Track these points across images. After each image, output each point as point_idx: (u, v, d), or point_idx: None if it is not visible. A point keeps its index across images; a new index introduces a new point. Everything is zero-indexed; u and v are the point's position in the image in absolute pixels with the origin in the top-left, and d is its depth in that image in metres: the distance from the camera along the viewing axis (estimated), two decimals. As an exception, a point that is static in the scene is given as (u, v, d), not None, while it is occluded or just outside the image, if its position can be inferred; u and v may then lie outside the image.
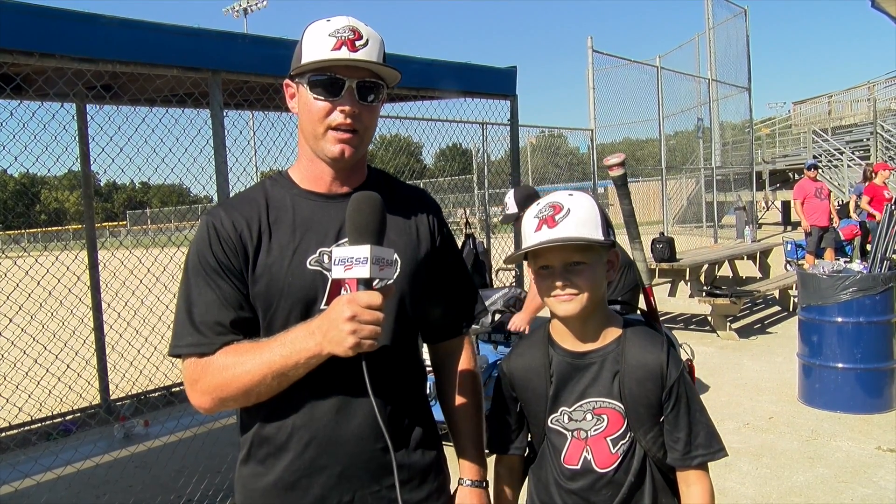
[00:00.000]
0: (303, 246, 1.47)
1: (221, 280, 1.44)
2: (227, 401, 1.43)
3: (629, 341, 1.62)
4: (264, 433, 1.49)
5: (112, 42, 3.27)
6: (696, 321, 8.99)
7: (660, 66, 13.40)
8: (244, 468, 1.54)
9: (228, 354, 1.41)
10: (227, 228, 1.46)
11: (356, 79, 1.44)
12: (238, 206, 1.52)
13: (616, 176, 1.74)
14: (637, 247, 1.82)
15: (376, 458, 1.48)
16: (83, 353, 5.01)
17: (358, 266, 1.29)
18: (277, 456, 1.48)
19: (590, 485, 1.62)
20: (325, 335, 1.31)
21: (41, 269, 4.38)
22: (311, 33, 1.46)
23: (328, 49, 1.42)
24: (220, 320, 1.43)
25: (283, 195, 1.53)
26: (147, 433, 4.08)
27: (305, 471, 1.47)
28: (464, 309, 1.71)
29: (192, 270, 1.46)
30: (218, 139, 3.72)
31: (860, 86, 25.65)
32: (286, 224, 1.49)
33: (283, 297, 1.45)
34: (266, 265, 1.45)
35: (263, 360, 1.37)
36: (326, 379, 1.42)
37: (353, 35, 1.43)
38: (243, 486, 1.54)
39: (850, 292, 5.24)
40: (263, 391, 1.39)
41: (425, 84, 4.94)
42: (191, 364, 1.44)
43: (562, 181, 12.53)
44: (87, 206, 5.26)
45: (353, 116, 1.44)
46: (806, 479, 4.19)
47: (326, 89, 1.43)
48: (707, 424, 1.62)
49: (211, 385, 1.42)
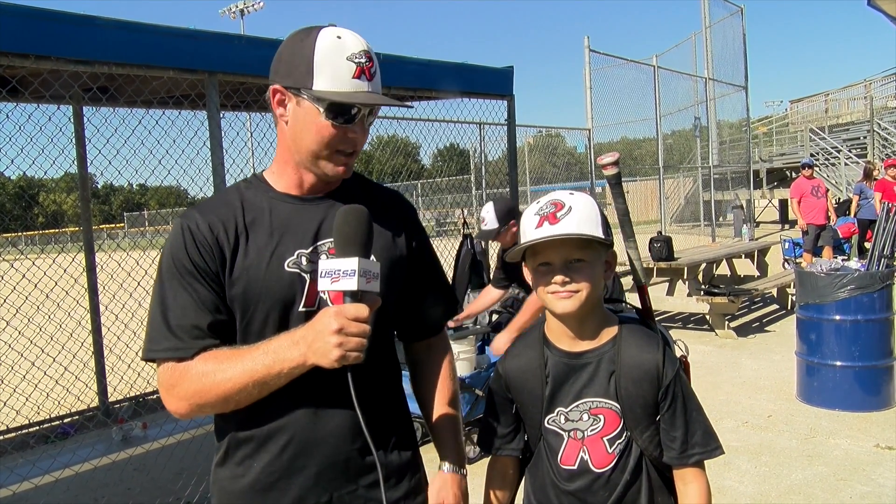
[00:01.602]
0: (280, 248, 1.47)
1: (197, 283, 1.43)
2: (204, 407, 1.41)
3: (625, 341, 1.62)
4: (241, 435, 1.49)
5: (108, 44, 3.26)
6: (694, 320, 8.99)
7: (657, 66, 13.41)
8: (221, 470, 1.53)
9: (208, 361, 1.40)
10: (203, 231, 1.45)
11: (368, 107, 1.46)
12: (214, 209, 1.51)
13: (610, 175, 1.76)
14: (632, 245, 1.84)
15: (354, 458, 1.49)
16: (81, 356, 5.00)
17: (345, 278, 1.30)
18: (254, 457, 1.48)
19: (587, 485, 1.62)
20: (310, 346, 1.31)
21: (38, 272, 4.37)
22: (325, 52, 1.41)
23: (349, 76, 1.41)
24: (197, 324, 1.41)
25: (260, 197, 1.52)
26: (145, 436, 4.07)
27: (283, 472, 1.47)
28: (441, 308, 1.73)
29: (166, 273, 1.45)
30: (215, 140, 3.72)
31: (857, 84, 25.71)
32: (263, 226, 1.48)
33: (260, 299, 1.44)
34: (243, 267, 1.44)
35: (245, 369, 1.36)
36: (305, 381, 1.41)
37: (368, 61, 1.43)
38: (221, 488, 1.54)
39: (848, 290, 5.25)
40: (243, 399, 1.39)
41: (422, 85, 4.93)
42: (167, 369, 1.42)
43: (559, 181, 12.54)
44: (84, 209, 5.25)
45: (358, 141, 1.48)
46: (805, 477, 4.19)
47: (344, 117, 1.44)
48: (703, 423, 1.62)
49: (189, 391, 1.40)
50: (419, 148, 13.07)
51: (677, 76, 14.98)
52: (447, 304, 1.75)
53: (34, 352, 4.32)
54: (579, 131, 11.80)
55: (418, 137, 8.20)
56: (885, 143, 19.05)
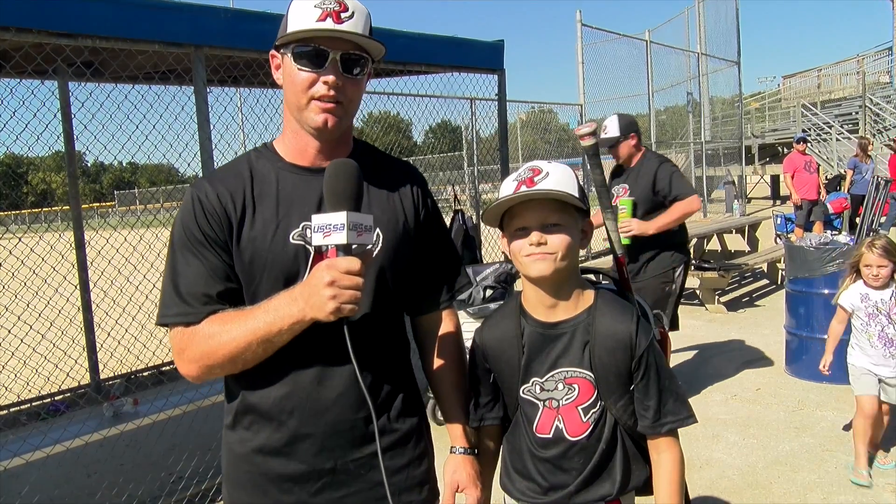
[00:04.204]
0: (286, 220, 1.48)
1: (207, 251, 1.45)
2: (213, 368, 1.45)
3: (600, 311, 1.63)
4: (249, 401, 1.52)
5: (90, 16, 3.20)
6: (685, 295, 9.02)
7: (649, 41, 13.34)
8: (231, 434, 1.57)
9: (214, 323, 1.43)
10: (212, 201, 1.47)
11: (340, 51, 1.44)
12: (223, 179, 1.52)
13: (587, 146, 1.78)
14: (609, 216, 1.86)
15: (358, 426, 1.51)
16: (71, 333, 4.99)
17: (336, 232, 1.30)
18: (261, 423, 1.51)
19: (562, 453, 1.65)
20: (307, 301, 1.33)
21: (25, 249, 4.34)
22: (297, 4, 1.45)
23: (313, 20, 1.42)
24: (207, 291, 1.44)
25: (268, 168, 1.53)
26: (137, 412, 4.07)
27: (289, 439, 1.50)
28: (448, 282, 1.72)
29: (178, 243, 1.48)
30: (202, 116, 3.68)
31: (849, 59, 25.69)
32: (270, 198, 1.50)
33: (265, 270, 1.46)
34: (249, 239, 1.46)
35: (248, 328, 1.38)
36: (309, 348, 1.45)
37: (339, 7, 1.43)
38: (230, 450, 1.57)
39: (837, 264, 5.26)
40: (249, 358, 1.42)
41: (412, 58, 4.89)
42: (178, 333, 1.46)
43: (552, 157, 12.50)
44: (72, 185, 5.20)
45: (337, 88, 1.45)
46: (791, 448, 4.24)
47: (310, 60, 1.43)
48: (676, 392, 1.64)
49: (197, 353, 1.44)
50: (411, 125, 13.01)
51: (670, 51, 14.91)
52: (453, 278, 1.72)
53: (23, 329, 4.30)
54: (572, 107, 11.76)
55: (410, 114, 8.15)
56: (876, 118, 19.05)
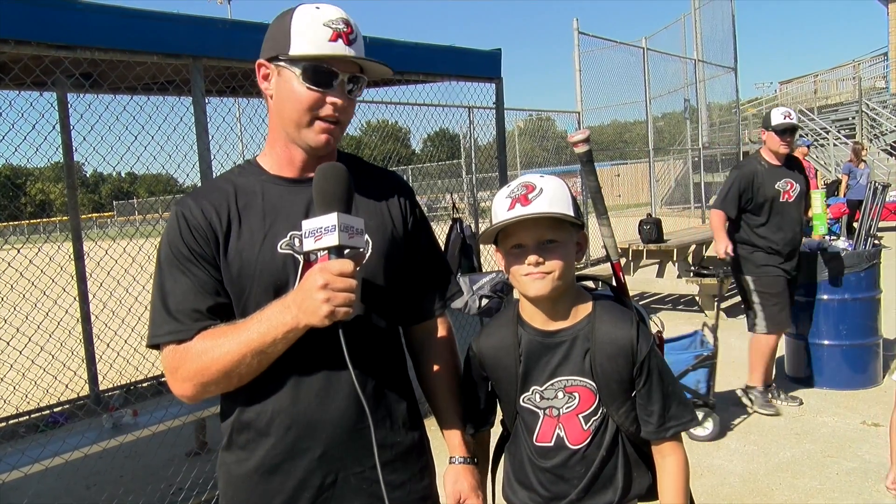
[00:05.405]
0: (273, 230, 1.47)
1: (195, 267, 1.44)
2: (208, 385, 1.42)
3: (599, 318, 1.63)
4: (244, 418, 1.49)
5: (89, 28, 3.21)
6: (684, 301, 9.03)
7: (646, 48, 13.36)
8: (227, 455, 1.54)
9: (206, 338, 1.41)
10: (197, 216, 1.46)
11: (348, 73, 1.45)
12: (206, 194, 1.52)
13: (581, 152, 1.77)
14: (605, 223, 1.86)
15: (358, 438, 1.48)
16: (70, 344, 4.98)
17: (327, 235, 1.30)
18: (258, 441, 1.48)
19: (563, 461, 1.64)
20: (300, 307, 1.32)
21: (24, 260, 4.34)
22: (302, 20, 1.43)
23: (325, 40, 1.41)
24: (197, 307, 1.43)
25: (252, 181, 1.53)
26: (136, 423, 4.05)
27: (287, 454, 1.47)
28: (439, 289, 1.71)
29: (164, 261, 1.46)
30: (200, 126, 3.68)
31: (846, 64, 25.77)
32: (256, 209, 1.49)
33: (254, 281, 1.45)
34: (237, 250, 1.46)
35: (241, 340, 1.37)
36: (306, 361, 1.43)
37: (347, 28, 1.43)
38: (226, 472, 1.54)
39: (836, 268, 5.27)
40: (244, 372, 1.39)
41: (410, 68, 4.90)
42: (170, 352, 1.44)
43: (550, 165, 12.52)
44: (71, 196, 5.20)
45: (339, 108, 1.46)
46: (793, 455, 4.24)
47: (320, 81, 1.43)
48: (679, 395, 1.64)
49: (191, 371, 1.41)
50: (409, 134, 13.04)
51: (667, 58, 14.93)
52: (443, 286, 1.71)
53: (22, 340, 4.29)
54: (569, 114, 11.77)
55: (407, 123, 8.16)
56: (873, 123, 19.11)
